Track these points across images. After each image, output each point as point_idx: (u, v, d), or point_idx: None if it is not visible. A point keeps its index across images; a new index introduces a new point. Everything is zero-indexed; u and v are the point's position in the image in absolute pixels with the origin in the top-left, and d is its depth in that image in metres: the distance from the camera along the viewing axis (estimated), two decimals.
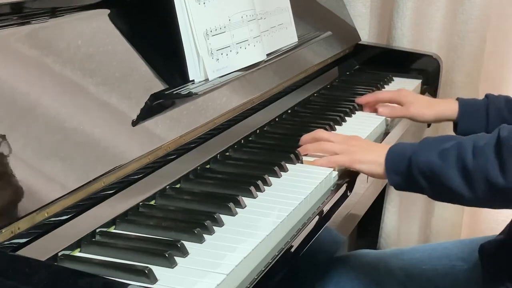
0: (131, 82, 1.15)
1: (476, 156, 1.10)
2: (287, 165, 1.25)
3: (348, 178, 1.29)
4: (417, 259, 1.46)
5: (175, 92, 1.21)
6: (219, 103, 1.30)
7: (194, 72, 1.27)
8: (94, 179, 0.98)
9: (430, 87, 2.00)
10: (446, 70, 2.05)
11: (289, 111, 1.60)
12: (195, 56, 1.27)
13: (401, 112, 1.62)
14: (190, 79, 1.27)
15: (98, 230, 0.97)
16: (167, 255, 0.89)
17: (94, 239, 0.96)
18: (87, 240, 0.95)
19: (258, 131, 1.44)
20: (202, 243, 0.96)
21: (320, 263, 1.22)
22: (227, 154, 1.31)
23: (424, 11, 2.03)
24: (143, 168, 1.09)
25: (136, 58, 1.19)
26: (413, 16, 2.02)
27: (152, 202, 1.09)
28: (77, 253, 0.93)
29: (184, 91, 1.21)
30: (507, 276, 1.24)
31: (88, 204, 0.97)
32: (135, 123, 1.10)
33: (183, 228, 0.98)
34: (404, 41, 2.05)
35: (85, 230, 0.95)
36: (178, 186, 1.16)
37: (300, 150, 1.32)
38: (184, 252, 0.92)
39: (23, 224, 0.86)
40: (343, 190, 1.25)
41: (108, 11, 1.19)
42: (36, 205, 0.88)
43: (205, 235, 0.97)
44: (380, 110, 1.64)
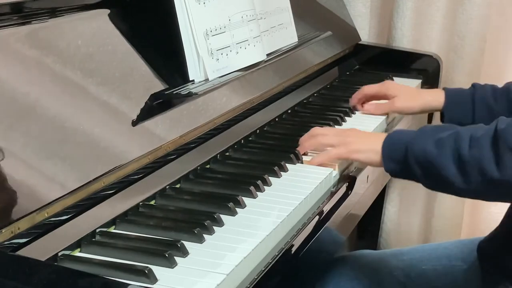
0: (131, 82, 1.15)
1: (472, 147, 1.09)
2: (287, 165, 1.25)
3: (348, 178, 1.29)
4: (417, 259, 1.46)
5: (175, 92, 1.21)
6: (219, 103, 1.30)
7: (194, 72, 1.28)
8: (94, 179, 0.98)
9: (430, 87, 1.99)
10: (446, 70, 2.05)
11: (289, 111, 1.60)
12: (195, 56, 1.27)
13: (387, 107, 1.60)
14: (190, 79, 1.27)
15: (98, 230, 0.97)
16: (167, 255, 0.89)
17: (94, 239, 0.96)
18: (87, 240, 0.95)
19: (258, 131, 1.44)
20: (202, 243, 0.96)
21: (320, 263, 1.22)
22: (227, 154, 1.31)
23: (424, 11, 2.03)
24: (143, 168, 1.09)
25: (136, 58, 1.19)
26: (413, 16, 2.02)
27: (152, 202, 1.09)
28: (77, 253, 0.93)
29: (184, 91, 1.21)
30: (506, 276, 1.24)
31: (88, 204, 0.97)
32: (135, 123, 1.10)
33: (183, 228, 0.98)
34: (404, 41, 2.05)
35: (85, 230, 0.95)
36: (178, 186, 1.16)
37: (299, 149, 1.32)
38: (184, 252, 0.92)
39: (23, 224, 0.86)
40: (343, 190, 1.25)
41: (108, 11, 1.19)
42: (36, 205, 0.88)
43: (205, 235, 0.97)
44: (365, 107, 1.62)
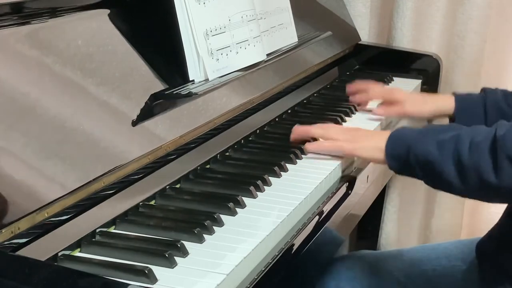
0: (131, 82, 1.15)
1: (472, 151, 1.10)
2: (287, 165, 1.25)
3: (348, 178, 1.29)
4: (416, 259, 1.46)
5: (175, 92, 1.21)
6: (219, 103, 1.30)
7: (194, 72, 1.27)
8: (94, 179, 0.97)
9: (430, 87, 2.00)
10: (446, 70, 2.05)
11: (289, 111, 1.60)
12: (195, 56, 1.27)
13: (397, 110, 1.60)
14: (190, 79, 1.27)
15: (98, 230, 0.97)
16: (167, 255, 0.89)
17: (94, 239, 0.96)
18: (87, 240, 0.95)
19: (258, 131, 1.44)
20: (202, 243, 0.96)
21: (320, 263, 1.22)
22: (227, 154, 1.31)
23: (424, 11, 2.03)
24: (143, 168, 1.09)
25: (136, 58, 1.19)
26: (413, 16, 2.02)
27: (152, 202, 1.09)
28: (77, 253, 0.93)
29: (184, 91, 1.21)
30: (505, 276, 1.24)
31: (88, 204, 0.97)
32: (135, 123, 1.10)
33: (183, 228, 0.98)
34: (404, 41, 2.05)
35: (85, 230, 0.95)
36: (178, 186, 1.16)
37: (300, 130, 1.36)
38: (184, 252, 0.92)
39: (23, 224, 0.86)
40: (343, 190, 1.25)
41: (108, 11, 1.19)
42: (36, 205, 0.88)
43: (205, 235, 0.97)
44: (375, 110, 1.61)
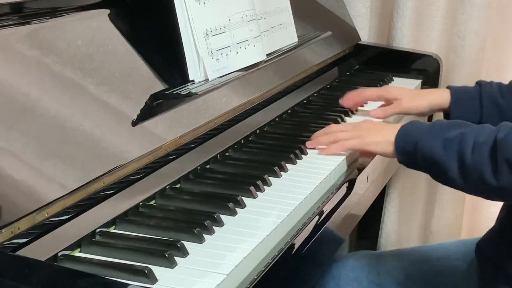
0: (131, 82, 1.15)
1: (474, 152, 1.13)
2: (287, 165, 1.25)
3: (348, 178, 1.29)
4: (416, 259, 1.46)
5: (175, 92, 1.21)
6: (219, 103, 1.30)
7: (194, 72, 1.28)
8: (94, 179, 0.97)
9: (430, 87, 1.99)
10: (446, 70, 2.05)
11: (289, 111, 1.60)
12: (195, 56, 1.27)
13: (394, 109, 1.57)
14: (190, 79, 1.27)
15: (98, 230, 0.97)
16: (167, 255, 0.89)
17: (94, 239, 0.96)
18: (87, 240, 0.95)
19: (258, 131, 1.44)
20: (202, 243, 0.96)
21: (320, 264, 1.22)
22: (227, 154, 1.31)
23: (424, 11, 2.03)
24: (143, 168, 1.09)
25: (136, 58, 1.19)
26: (413, 16, 2.02)
27: (152, 202, 1.09)
28: (77, 253, 0.93)
29: (184, 91, 1.21)
30: (504, 275, 1.24)
31: (88, 204, 0.97)
32: (135, 123, 1.10)
33: (183, 228, 0.98)
34: (404, 41, 2.05)
35: (85, 230, 0.95)
36: (178, 186, 1.16)
37: (312, 143, 1.35)
38: (184, 252, 0.92)
39: (23, 224, 0.86)
40: (343, 190, 1.25)
41: (108, 11, 1.19)
42: (36, 205, 0.88)
43: (205, 235, 0.97)
44: (372, 113, 1.58)
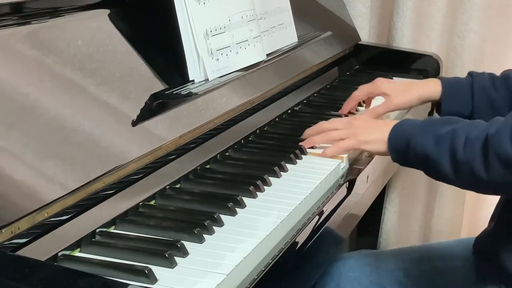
0: (131, 82, 1.15)
1: (466, 147, 1.14)
2: (287, 165, 1.25)
3: (348, 178, 1.29)
4: (417, 259, 1.46)
5: (175, 92, 1.21)
6: (219, 103, 1.30)
7: (194, 72, 1.28)
8: (94, 179, 0.97)
9: None
10: (446, 70, 2.05)
11: (289, 111, 1.60)
12: (195, 56, 1.27)
13: (384, 108, 1.54)
14: (190, 79, 1.27)
15: (98, 230, 0.97)
16: (167, 255, 0.89)
17: (94, 239, 0.96)
18: (87, 240, 0.95)
19: (258, 131, 1.44)
20: (202, 243, 0.96)
21: (320, 263, 1.22)
22: (227, 154, 1.31)
23: (424, 11, 2.03)
24: (143, 168, 1.09)
25: (136, 58, 1.19)
26: (413, 16, 2.02)
27: (152, 202, 1.09)
28: (77, 253, 0.93)
29: (184, 91, 1.22)
30: (501, 272, 1.24)
31: (88, 204, 0.97)
32: (135, 123, 1.10)
33: (183, 228, 0.98)
34: (404, 41, 2.05)
35: (85, 230, 0.95)
36: (178, 186, 1.16)
37: (306, 143, 1.35)
38: (184, 252, 0.92)
39: (23, 224, 0.86)
40: (343, 190, 1.25)
41: (108, 11, 1.19)
42: (36, 205, 0.88)
43: (205, 235, 0.97)
44: (365, 115, 1.52)
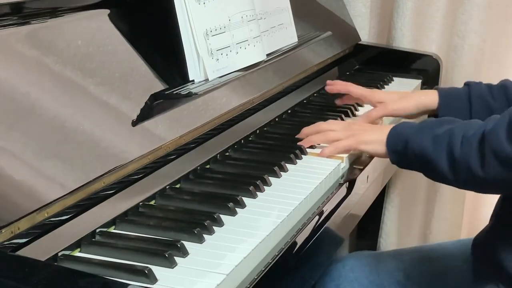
0: (131, 82, 1.15)
1: (463, 145, 1.15)
2: (287, 165, 1.25)
3: (348, 178, 1.29)
4: (416, 259, 1.46)
5: (175, 92, 1.21)
6: (219, 103, 1.30)
7: (194, 72, 1.28)
8: (94, 179, 0.97)
9: (430, 87, 1.98)
10: (446, 70, 2.05)
11: (289, 111, 1.60)
12: (195, 56, 1.27)
13: (379, 112, 1.51)
14: (190, 79, 1.27)
15: (98, 230, 0.97)
16: (167, 255, 0.89)
17: (94, 239, 0.96)
18: (87, 240, 0.95)
19: (258, 131, 1.44)
20: (202, 243, 0.96)
21: (320, 264, 1.22)
22: (227, 154, 1.31)
23: (424, 11, 2.03)
24: (143, 168, 1.09)
25: (136, 58, 1.19)
26: (413, 16, 2.02)
27: (152, 202, 1.09)
28: (77, 253, 0.93)
29: (184, 91, 1.22)
30: (499, 270, 1.24)
31: (88, 204, 0.97)
32: (135, 123, 1.10)
33: (183, 228, 0.98)
34: (404, 41, 2.05)
35: (85, 230, 0.95)
36: (178, 186, 1.16)
37: (304, 142, 1.35)
38: (184, 252, 0.92)
39: (23, 224, 0.86)
40: (343, 190, 1.25)
41: (108, 11, 1.19)
42: (36, 205, 0.88)
43: (205, 235, 0.97)
44: (360, 119, 1.51)
